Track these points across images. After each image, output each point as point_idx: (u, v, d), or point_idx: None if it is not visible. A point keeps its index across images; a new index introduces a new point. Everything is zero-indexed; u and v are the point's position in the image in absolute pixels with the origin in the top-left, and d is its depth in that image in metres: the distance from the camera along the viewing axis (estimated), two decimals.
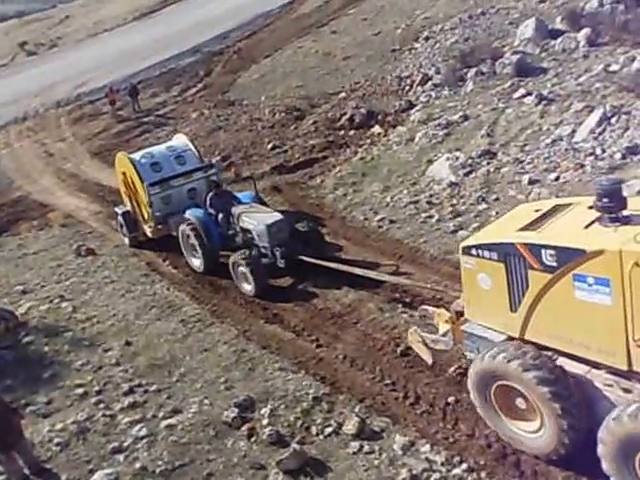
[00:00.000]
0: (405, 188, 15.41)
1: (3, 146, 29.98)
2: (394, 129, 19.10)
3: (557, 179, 13.43)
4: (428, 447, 7.88)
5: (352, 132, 20.24)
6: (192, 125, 25.45)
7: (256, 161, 19.71)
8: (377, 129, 19.66)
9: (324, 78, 26.36)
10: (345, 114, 21.22)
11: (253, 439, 8.61)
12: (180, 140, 16.83)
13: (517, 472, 7.27)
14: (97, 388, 10.29)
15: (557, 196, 12.71)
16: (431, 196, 14.61)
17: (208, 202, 13.96)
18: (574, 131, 14.76)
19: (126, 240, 16.36)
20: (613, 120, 14.40)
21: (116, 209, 16.72)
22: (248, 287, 12.66)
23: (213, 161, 17.09)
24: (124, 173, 15.90)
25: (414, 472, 7.52)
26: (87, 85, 35.58)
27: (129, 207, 16.28)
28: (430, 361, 8.83)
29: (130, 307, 12.92)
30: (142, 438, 8.99)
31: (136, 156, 15.80)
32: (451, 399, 8.61)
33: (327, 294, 11.98)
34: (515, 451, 7.50)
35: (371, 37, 29.01)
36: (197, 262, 14.10)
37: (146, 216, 15.44)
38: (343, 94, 23.72)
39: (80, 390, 10.28)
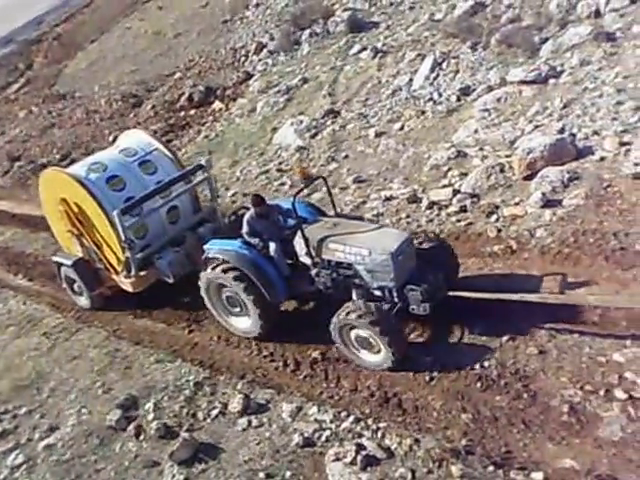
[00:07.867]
0: (253, 159, 15.31)
1: None
2: (235, 102, 18.89)
3: (402, 128, 13.80)
4: (315, 409, 7.97)
5: (193, 111, 19.84)
6: (21, 125, 23.86)
7: None
8: (218, 105, 19.36)
9: (157, 59, 25.45)
10: (183, 94, 20.71)
11: (142, 437, 8.35)
12: (137, 138, 11.52)
13: (400, 411, 7.56)
14: None
15: (404, 145, 13.18)
16: (280, 163, 14.61)
17: (247, 227, 9.00)
18: (411, 80, 15.23)
19: (84, 301, 11.67)
20: (444, 65, 15.05)
21: (57, 258, 11.61)
22: (376, 358, 8.10)
23: (202, 161, 11.44)
24: (64, 200, 10.72)
25: (306, 435, 7.59)
26: None
27: (80, 252, 11.24)
28: None
29: None
30: (20, 466, 8.49)
31: (80, 171, 10.60)
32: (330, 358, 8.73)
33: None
34: (396, 393, 7.78)
35: (200, 10, 28.26)
36: (243, 323, 9.41)
37: (115, 262, 10.72)
38: (179, 74, 23.05)
39: None
